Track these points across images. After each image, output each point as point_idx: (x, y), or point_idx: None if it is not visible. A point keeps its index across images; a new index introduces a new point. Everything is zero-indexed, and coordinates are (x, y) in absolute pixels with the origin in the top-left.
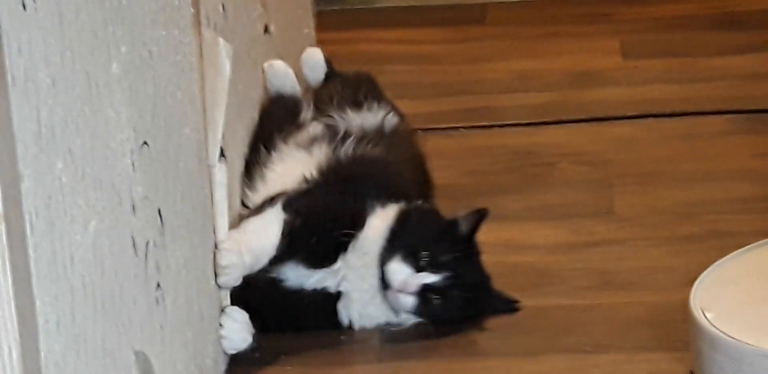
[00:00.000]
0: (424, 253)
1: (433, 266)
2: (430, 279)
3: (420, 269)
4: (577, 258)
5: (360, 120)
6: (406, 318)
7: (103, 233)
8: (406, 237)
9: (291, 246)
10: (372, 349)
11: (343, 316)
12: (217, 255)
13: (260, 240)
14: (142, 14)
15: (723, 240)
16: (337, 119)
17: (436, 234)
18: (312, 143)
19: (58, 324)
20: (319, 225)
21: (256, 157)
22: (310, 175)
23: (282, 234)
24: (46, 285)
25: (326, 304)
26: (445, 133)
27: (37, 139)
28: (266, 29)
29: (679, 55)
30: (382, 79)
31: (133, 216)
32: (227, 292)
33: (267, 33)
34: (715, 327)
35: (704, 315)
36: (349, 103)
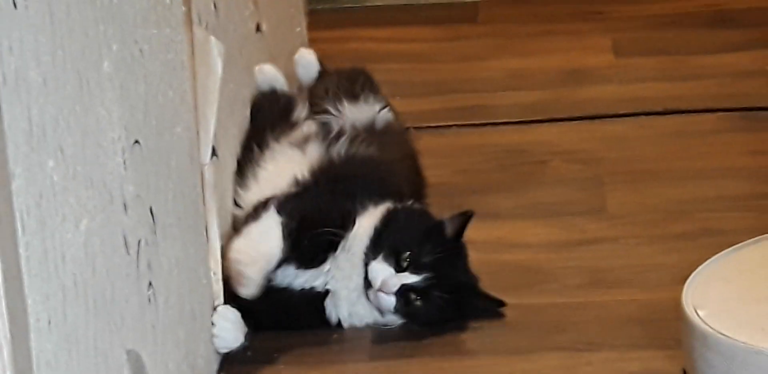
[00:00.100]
0: (407, 254)
1: (414, 267)
2: (410, 279)
3: (401, 269)
4: (569, 257)
5: (356, 112)
6: (393, 318)
7: (95, 232)
8: (390, 237)
9: (287, 248)
10: (364, 348)
11: (332, 315)
12: (235, 270)
13: (269, 245)
14: (134, 12)
15: (715, 238)
16: (332, 112)
17: (421, 234)
18: (305, 142)
19: (49, 323)
20: (311, 226)
21: (249, 155)
22: (302, 176)
23: (282, 237)
24: (38, 283)
25: (316, 303)
26: (437, 131)
27: (28, 137)
28: (258, 28)
29: (671, 52)
30: (374, 77)
31: (125, 214)
32: (220, 291)
33: (259, 31)
34: (707, 325)
35: (696, 312)
36: (345, 94)
